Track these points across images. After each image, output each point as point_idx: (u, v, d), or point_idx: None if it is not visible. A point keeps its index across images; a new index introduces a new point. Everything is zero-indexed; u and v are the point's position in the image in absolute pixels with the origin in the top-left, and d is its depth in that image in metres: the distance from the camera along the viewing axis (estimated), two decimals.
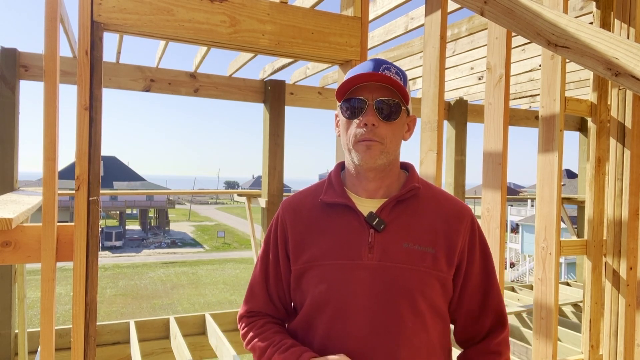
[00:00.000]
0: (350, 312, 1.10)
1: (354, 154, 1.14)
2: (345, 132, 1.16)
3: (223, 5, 2.16)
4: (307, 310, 1.16)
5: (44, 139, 1.82)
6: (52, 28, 1.81)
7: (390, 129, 1.13)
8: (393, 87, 1.12)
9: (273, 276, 1.24)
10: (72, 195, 2.28)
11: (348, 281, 1.11)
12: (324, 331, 1.12)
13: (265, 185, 5.04)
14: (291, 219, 1.22)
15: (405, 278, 1.10)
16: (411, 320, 1.10)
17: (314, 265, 1.14)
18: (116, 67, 4.41)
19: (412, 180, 1.20)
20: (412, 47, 4.40)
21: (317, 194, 1.23)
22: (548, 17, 1.37)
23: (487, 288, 1.21)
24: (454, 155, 6.01)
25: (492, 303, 1.21)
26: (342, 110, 1.16)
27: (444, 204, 1.20)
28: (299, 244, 1.18)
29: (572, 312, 5.75)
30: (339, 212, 1.17)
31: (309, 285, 1.15)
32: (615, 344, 2.69)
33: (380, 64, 1.13)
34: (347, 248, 1.13)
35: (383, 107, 1.12)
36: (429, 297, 1.12)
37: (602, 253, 2.78)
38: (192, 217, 59.76)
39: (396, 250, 1.12)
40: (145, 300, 22.22)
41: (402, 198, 1.17)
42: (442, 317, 1.16)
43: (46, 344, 1.81)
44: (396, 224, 1.15)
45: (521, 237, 35.05)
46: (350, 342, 1.09)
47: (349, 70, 1.20)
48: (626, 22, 2.56)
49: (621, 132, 2.68)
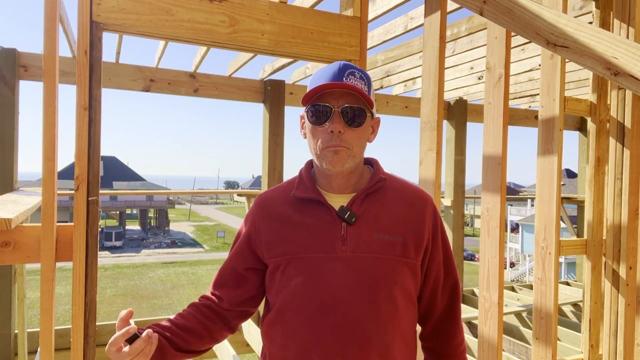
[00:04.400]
0: (328, 302, 1.14)
1: (323, 160, 1.19)
2: (312, 137, 1.20)
3: (222, 5, 2.16)
4: (283, 303, 1.19)
5: (43, 139, 1.82)
6: (51, 28, 1.81)
7: (356, 134, 1.18)
8: (357, 93, 1.15)
9: (231, 268, 1.29)
10: (72, 195, 2.28)
11: (324, 273, 1.15)
12: (301, 322, 1.15)
13: (265, 185, 5.04)
14: (264, 215, 1.26)
15: (378, 267, 1.16)
16: (385, 307, 1.15)
17: (289, 259, 1.18)
18: (116, 67, 4.41)
19: (378, 173, 1.27)
20: (412, 47, 4.40)
21: (289, 190, 1.27)
22: (547, 17, 1.37)
23: (447, 266, 1.30)
24: (454, 155, 6.01)
25: (450, 280, 1.31)
26: (308, 116, 1.19)
27: (407, 194, 1.27)
28: (273, 239, 1.22)
29: (572, 311, 5.76)
30: (311, 207, 1.22)
31: (284, 279, 1.19)
32: (615, 343, 2.69)
33: (345, 69, 1.17)
34: (321, 241, 1.17)
35: (348, 113, 1.15)
36: (400, 284, 1.18)
37: (602, 253, 2.78)
38: (192, 217, 59.76)
39: (368, 241, 1.17)
40: (145, 300, 22.22)
41: (371, 190, 1.23)
42: (412, 302, 1.23)
43: (46, 344, 1.81)
44: (366, 216, 1.20)
45: (521, 236, 35.07)
46: (326, 331, 1.13)
47: (316, 72, 1.23)
48: (625, 22, 2.56)
49: (621, 132, 2.68)
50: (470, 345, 4.44)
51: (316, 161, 1.23)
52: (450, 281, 1.31)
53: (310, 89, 1.17)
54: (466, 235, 16.34)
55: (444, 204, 5.98)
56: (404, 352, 1.20)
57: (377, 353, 1.14)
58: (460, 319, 1.34)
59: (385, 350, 1.15)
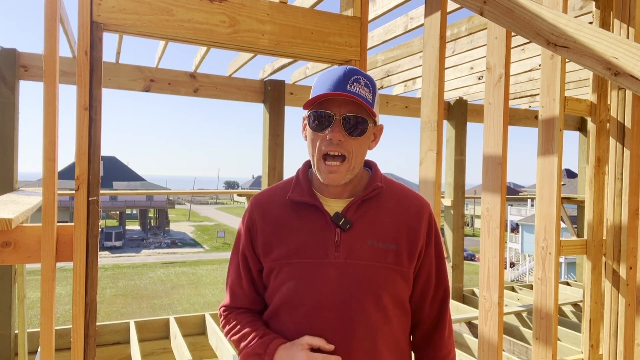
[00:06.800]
0: (318, 308, 1.14)
1: (319, 172, 1.18)
2: (311, 143, 1.19)
3: (222, 5, 2.16)
4: (275, 307, 1.20)
5: (43, 139, 1.82)
6: (51, 28, 1.81)
7: (357, 143, 1.16)
8: (361, 103, 1.13)
9: (245, 273, 1.27)
10: (72, 196, 2.28)
11: (315, 279, 1.15)
12: (292, 326, 1.16)
13: (265, 185, 5.04)
14: (260, 216, 1.25)
15: (370, 275, 1.15)
16: (375, 314, 1.15)
17: (283, 264, 1.18)
18: (116, 67, 4.40)
19: (375, 179, 1.25)
20: (412, 47, 4.40)
21: (285, 191, 1.26)
22: (547, 17, 1.37)
23: (439, 276, 1.28)
24: (454, 155, 6.01)
25: (441, 290, 1.29)
26: (310, 120, 1.18)
27: (404, 201, 1.25)
28: (268, 242, 1.22)
29: (572, 311, 5.75)
30: (306, 211, 1.21)
31: (277, 283, 1.19)
32: (615, 343, 2.69)
33: (350, 75, 1.14)
34: (314, 247, 1.17)
35: (350, 121, 1.14)
36: (391, 291, 1.17)
37: (602, 253, 2.78)
38: (192, 217, 59.74)
39: (361, 248, 1.17)
40: (145, 300, 22.21)
41: (367, 197, 1.22)
42: (404, 310, 1.22)
43: (46, 344, 1.81)
44: (361, 222, 1.19)
45: (521, 236, 35.06)
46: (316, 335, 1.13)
47: (320, 75, 1.21)
48: (626, 22, 2.56)
49: (621, 132, 2.68)
50: (470, 345, 4.44)
51: (313, 168, 1.22)
52: (440, 291, 1.28)
53: (313, 95, 1.15)
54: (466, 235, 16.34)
55: (444, 204, 5.98)
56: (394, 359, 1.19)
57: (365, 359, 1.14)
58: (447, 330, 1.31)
59: (373, 357, 1.15)
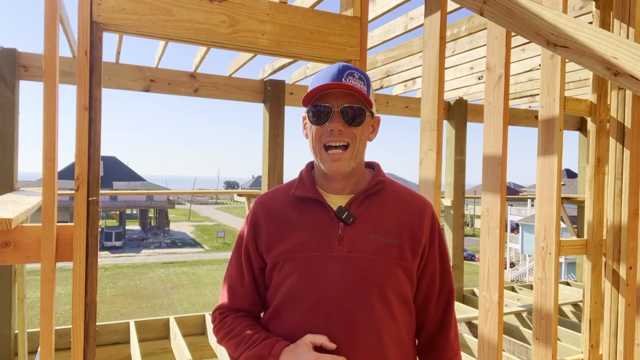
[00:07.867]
0: (321, 301, 1.15)
1: (322, 162, 1.20)
2: (312, 137, 1.22)
3: (222, 5, 2.16)
4: (279, 301, 1.20)
5: (43, 139, 1.82)
6: (51, 28, 1.81)
7: (356, 133, 1.20)
8: (356, 93, 1.17)
9: (247, 270, 1.28)
10: (72, 196, 2.28)
11: (319, 272, 1.16)
12: (296, 320, 1.17)
13: (265, 185, 5.04)
14: (264, 214, 1.27)
15: (373, 268, 1.17)
16: (379, 308, 1.15)
17: (286, 258, 1.19)
18: (116, 67, 4.40)
19: (378, 175, 1.28)
20: (412, 47, 4.40)
21: (288, 190, 1.28)
22: (547, 17, 1.37)
23: (443, 276, 1.28)
24: (454, 155, 6.01)
25: (446, 290, 1.29)
26: (309, 116, 1.22)
27: (408, 199, 1.27)
28: (272, 238, 1.23)
29: (572, 311, 5.75)
30: (309, 206, 1.23)
31: (281, 277, 1.20)
32: (615, 343, 2.69)
33: (344, 70, 1.19)
34: (318, 241, 1.19)
35: (348, 113, 1.18)
36: (395, 286, 1.18)
37: (602, 253, 2.78)
38: (192, 217, 59.74)
39: (364, 242, 1.18)
40: (145, 300, 22.21)
41: (370, 192, 1.24)
42: (408, 306, 1.23)
43: (46, 344, 1.81)
44: (364, 217, 1.21)
45: (521, 237, 35.07)
46: (320, 329, 1.13)
47: (316, 74, 1.25)
48: (625, 22, 2.56)
49: (621, 132, 2.68)
50: (470, 345, 4.44)
51: (316, 162, 1.24)
52: (445, 291, 1.29)
53: (310, 90, 1.19)
54: (466, 235, 16.33)
55: (444, 204, 5.98)
56: (400, 358, 1.19)
57: (371, 353, 1.14)
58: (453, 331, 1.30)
59: (379, 352, 1.15)
